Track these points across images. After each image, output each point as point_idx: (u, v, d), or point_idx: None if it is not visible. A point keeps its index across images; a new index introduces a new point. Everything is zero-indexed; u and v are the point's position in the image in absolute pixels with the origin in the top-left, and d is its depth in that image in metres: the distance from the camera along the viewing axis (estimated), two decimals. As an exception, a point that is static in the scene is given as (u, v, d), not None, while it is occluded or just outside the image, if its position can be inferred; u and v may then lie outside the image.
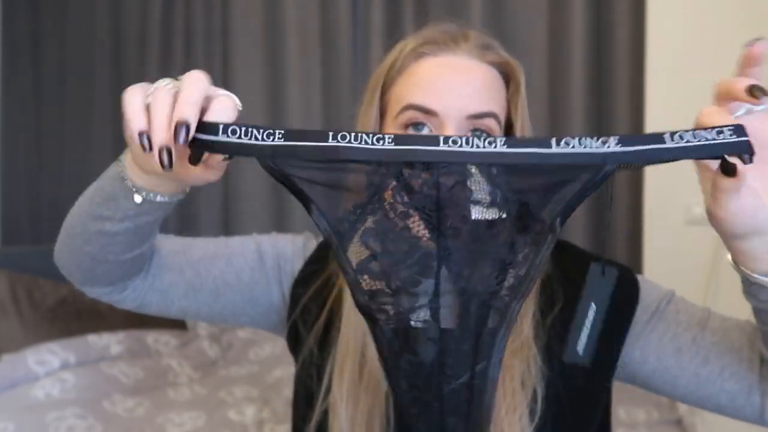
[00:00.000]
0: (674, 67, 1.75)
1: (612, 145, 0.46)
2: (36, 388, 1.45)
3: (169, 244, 0.75)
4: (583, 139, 0.45)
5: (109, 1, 2.90)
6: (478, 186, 0.46)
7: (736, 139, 0.46)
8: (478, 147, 0.45)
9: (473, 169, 0.46)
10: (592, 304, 0.66)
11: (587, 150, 0.45)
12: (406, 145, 0.45)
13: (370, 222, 0.48)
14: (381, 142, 0.45)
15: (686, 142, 0.47)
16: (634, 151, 0.46)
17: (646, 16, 1.80)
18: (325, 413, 0.71)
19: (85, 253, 0.66)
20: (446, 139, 0.45)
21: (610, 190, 0.50)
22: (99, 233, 0.62)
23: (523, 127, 0.69)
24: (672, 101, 1.76)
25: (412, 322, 0.48)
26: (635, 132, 1.94)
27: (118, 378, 1.59)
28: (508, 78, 0.70)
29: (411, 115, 0.66)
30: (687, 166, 0.54)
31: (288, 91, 2.46)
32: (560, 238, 0.70)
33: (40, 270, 1.99)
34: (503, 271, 0.48)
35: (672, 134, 0.47)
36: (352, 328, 0.68)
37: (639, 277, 0.71)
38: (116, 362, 1.66)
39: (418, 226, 0.48)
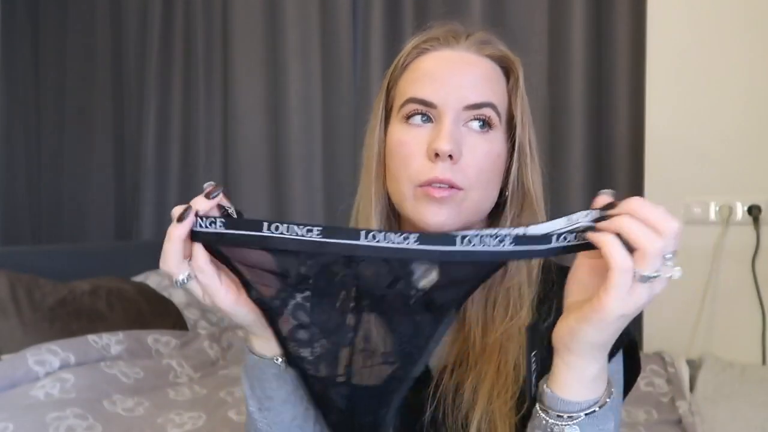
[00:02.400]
0: (674, 67, 1.75)
1: (507, 245, 0.52)
2: (36, 388, 1.45)
3: None
4: (483, 237, 0.52)
5: (109, 1, 2.90)
6: (389, 274, 0.54)
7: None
8: (392, 243, 0.52)
9: (386, 262, 0.54)
10: None
11: (485, 249, 0.52)
12: (332, 238, 0.52)
13: (299, 298, 0.57)
14: (310, 233, 0.52)
15: (568, 242, 0.53)
16: (524, 250, 0.52)
17: (646, 16, 1.80)
18: None
19: None
20: (366, 234, 0.52)
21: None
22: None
23: (523, 121, 0.71)
24: (672, 101, 1.76)
25: (329, 382, 0.59)
26: (636, 134, 1.94)
27: (118, 378, 1.59)
28: (508, 72, 0.72)
29: (412, 107, 0.69)
30: (687, 166, 0.55)
31: (288, 91, 2.46)
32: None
33: (40, 270, 1.99)
34: (403, 344, 0.57)
35: (559, 236, 0.52)
36: None
37: (620, 355, 0.71)
38: (116, 362, 1.65)
39: (339, 303, 0.56)
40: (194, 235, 0.55)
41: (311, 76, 2.43)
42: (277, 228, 0.52)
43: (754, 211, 1.68)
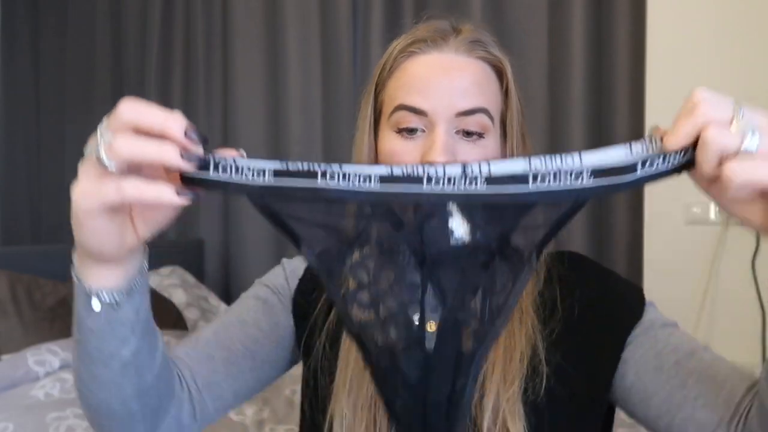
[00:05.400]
0: (674, 67, 1.75)
1: (585, 180, 0.46)
2: (36, 388, 1.45)
3: (182, 349, 0.75)
4: (559, 174, 0.46)
5: (109, 1, 2.90)
6: (459, 222, 0.49)
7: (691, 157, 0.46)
8: (459, 189, 0.47)
9: (455, 208, 0.48)
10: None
11: (562, 187, 0.46)
12: (392, 183, 0.47)
13: (357, 255, 0.51)
14: (368, 182, 0.47)
15: (656, 168, 0.46)
16: (607, 185, 0.46)
17: (646, 16, 1.80)
18: None
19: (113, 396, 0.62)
20: (429, 180, 0.47)
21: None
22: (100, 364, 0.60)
23: (512, 124, 0.70)
24: (672, 101, 1.75)
25: (400, 348, 0.52)
26: (636, 134, 1.94)
27: (118, 378, 1.59)
28: (500, 72, 0.71)
29: (401, 116, 0.67)
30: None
31: (288, 91, 2.46)
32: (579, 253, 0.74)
33: (40, 270, 1.99)
34: (483, 300, 0.51)
35: (644, 162, 0.46)
36: None
37: (648, 301, 0.72)
38: (116, 362, 1.65)
39: (404, 259, 0.51)
40: (229, 186, 0.47)
41: (311, 76, 2.43)
42: (332, 177, 0.47)
43: (754, 211, 1.68)
